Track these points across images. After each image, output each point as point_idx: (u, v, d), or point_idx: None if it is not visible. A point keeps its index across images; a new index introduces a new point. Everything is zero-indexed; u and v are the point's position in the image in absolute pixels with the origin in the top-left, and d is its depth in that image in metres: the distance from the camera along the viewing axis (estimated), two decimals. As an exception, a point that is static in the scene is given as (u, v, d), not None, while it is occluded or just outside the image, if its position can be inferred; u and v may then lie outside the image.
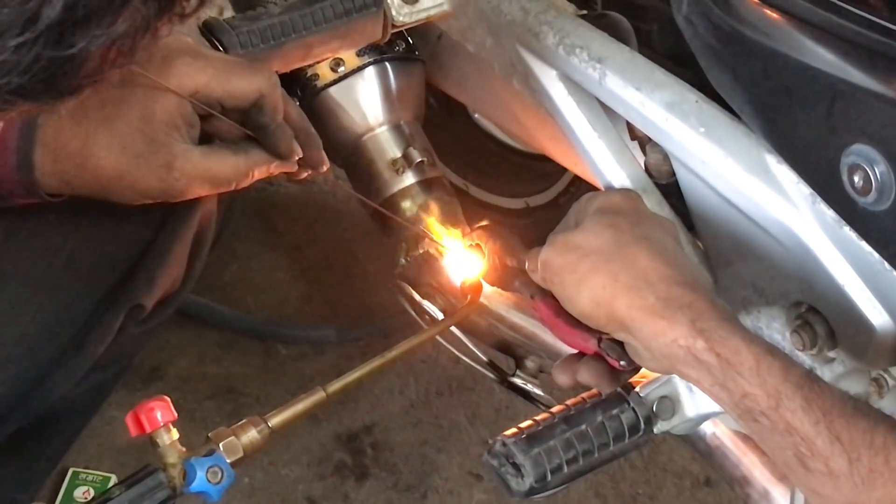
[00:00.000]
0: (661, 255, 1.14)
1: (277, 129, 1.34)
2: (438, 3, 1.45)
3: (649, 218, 1.20)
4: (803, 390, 1.01)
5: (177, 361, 1.93)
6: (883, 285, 1.19)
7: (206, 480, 1.17)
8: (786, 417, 1.02)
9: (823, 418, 1.00)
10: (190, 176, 1.30)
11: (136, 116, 1.28)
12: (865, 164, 1.14)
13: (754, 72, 1.22)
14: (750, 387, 1.04)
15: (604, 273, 1.13)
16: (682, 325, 1.08)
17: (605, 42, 1.33)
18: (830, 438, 0.99)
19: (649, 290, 1.10)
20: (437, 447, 1.91)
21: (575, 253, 1.15)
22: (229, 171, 1.32)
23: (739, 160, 1.25)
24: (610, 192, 1.22)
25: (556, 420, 1.20)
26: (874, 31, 1.10)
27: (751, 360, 1.04)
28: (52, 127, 1.27)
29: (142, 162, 1.28)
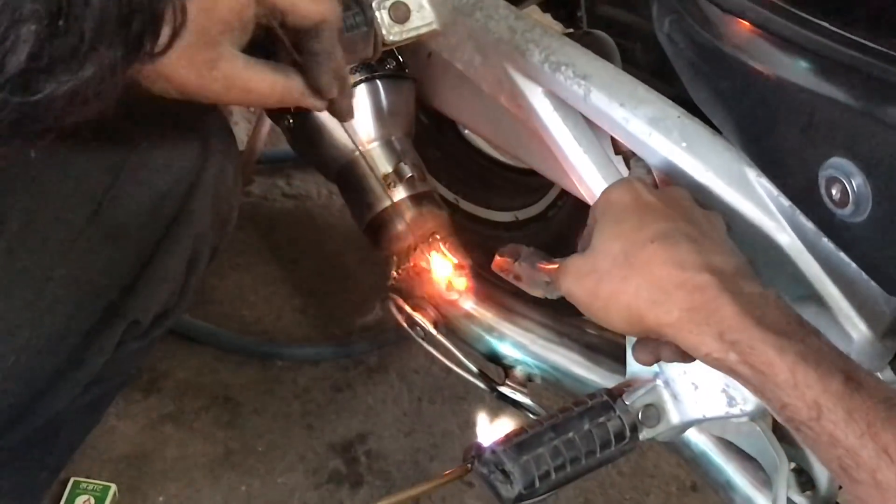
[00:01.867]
0: (674, 255, 1.09)
1: (325, 61, 1.31)
2: (428, 22, 1.45)
3: (652, 209, 1.14)
4: (844, 401, 0.98)
5: (175, 373, 1.93)
6: (860, 294, 1.20)
7: None
8: (828, 429, 0.99)
9: (868, 429, 0.97)
10: (228, 80, 1.28)
11: (196, 6, 1.24)
12: (843, 176, 1.14)
13: (734, 88, 1.23)
14: (788, 398, 1.01)
15: (625, 293, 1.10)
16: (712, 339, 1.05)
17: (589, 59, 1.33)
18: (877, 450, 0.96)
19: (671, 304, 1.07)
20: (430, 455, 1.91)
21: (591, 278, 1.12)
22: (266, 87, 1.30)
23: (721, 174, 1.25)
24: (609, 190, 1.17)
25: (544, 428, 1.20)
26: (851, 48, 1.10)
27: (785, 371, 1.01)
28: None
29: (187, 53, 1.24)
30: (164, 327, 1.51)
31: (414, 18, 1.44)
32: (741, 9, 1.19)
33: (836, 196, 1.16)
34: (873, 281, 1.17)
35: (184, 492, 1.81)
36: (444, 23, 1.44)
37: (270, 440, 1.88)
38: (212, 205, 1.47)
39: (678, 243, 1.10)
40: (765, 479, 1.30)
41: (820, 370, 1.00)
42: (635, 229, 1.12)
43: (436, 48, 1.49)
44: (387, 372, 1.98)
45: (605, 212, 1.15)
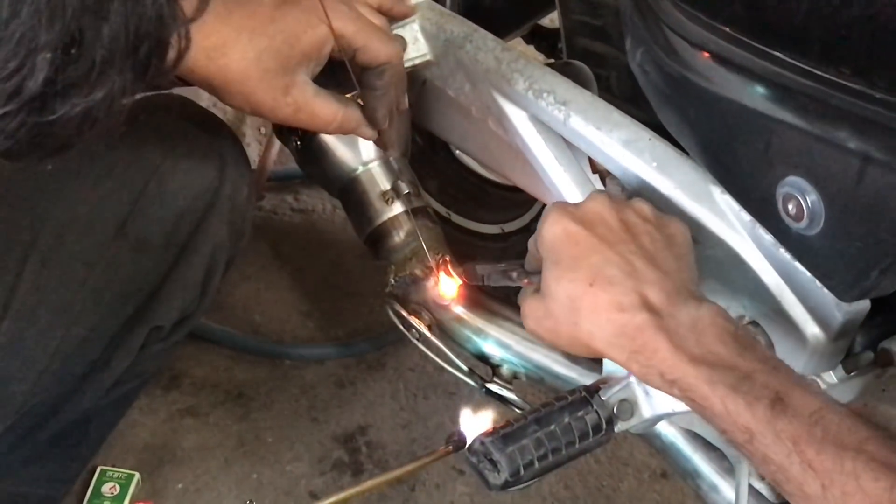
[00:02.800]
0: (612, 297, 1.07)
1: (383, 97, 1.32)
2: (422, 53, 1.45)
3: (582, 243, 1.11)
4: (772, 423, 0.97)
5: (193, 371, 1.93)
6: (814, 300, 1.20)
7: None
8: (760, 450, 0.99)
9: (794, 447, 0.96)
10: (298, 105, 1.28)
11: (281, 37, 1.25)
12: (798, 193, 1.15)
13: (700, 113, 1.23)
14: (724, 425, 1.01)
15: (580, 335, 1.09)
16: (656, 378, 1.05)
17: (569, 87, 1.33)
18: (802, 466, 0.96)
19: (619, 346, 1.07)
20: (424, 445, 1.91)
21: (549, 322, 1.12)
22: (329, 115, 1.30)
23: (688, 191, 1.25)
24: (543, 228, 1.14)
25: (528, 421, 1.19)
26: (804, 76, 1.10)
27: (718, 403, 1.00)
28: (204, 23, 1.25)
29: (267, 76, 1.26)
30: (183, 331, 1.52)
31: (410, 50, 1.44)
32: (705, 41, 1.19)
33: (792, 211, 1.16)
34: (826, 288, 1.17)
35: (200, 479, 1.80)
36: (437, 54, 1.44)
37: (279, 432, 1.88)
38: (227, 220, 1.47)
39: (613, 283, 1.07)
40: (728, 467, 1.30)
41: (748, 398, 0.99)
42: (573, 270, 1.10)
43: (430, 77, 1.49)
44: (385, 370, 1.98)
45: (545, 251, 1.13)
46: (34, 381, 1.36)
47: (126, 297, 1.41)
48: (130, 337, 1.42)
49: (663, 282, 1.08)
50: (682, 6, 1.20)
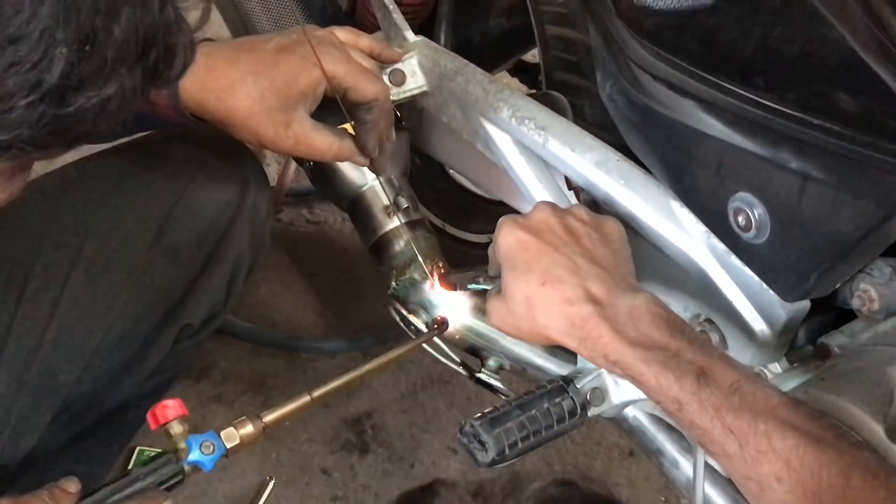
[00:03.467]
0: (561, 293, 1.09)
1: (372, 129, 1.32)
2: (420, 85, 1.45)
3: (532, 248, 1.13)
4: (696, 394, 0.99)
5: (219, 363, 1.93)
6: (761, 301, 1.20)
7: (200, 452, 1.13)
8: (688, 417, 1.00)
9: (716, 414, 0.98)
10: (297, 137, 1.29)
11: (281, 79, 1.26)
12: (747, 207, 1.15)
13: (661, 137, 1.23)
14: (657, 397, 1.03)
15: (538, 327, 1.11)
16: (601, 359, 1.07)
17: (547, 115, 1.34)
18: (723, 430, 0.98)
19: (570, 335, 1.09)
20: (422, 428, 1.91)
21: (511, 319, 1.13)
22: (324, 145, 1.30)
23: (651, 205, 1.25)
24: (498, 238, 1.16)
25: (512, 407, 1.19)
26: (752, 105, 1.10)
27: (651, 378, 1.02)
28: (204, 65, 1.25)
29: (269, 113, 1.27)
30: (210, 329, 1.52)
31: (409, 82, 1.44)
32: (666, 75, 1.19)
33: (742, 223, 1.16)
34: (771, 290, 1.18)
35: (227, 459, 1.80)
36: (433, 86, 1.44)
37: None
38: (249, 231, 1.47)
39: (560, 280, 1.09)
40: (687, 446, 1.30)
41: (677, 373, 1.01)
42: (527, 272, 1.11)
43: (426, 105, 1.49)
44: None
45: (502, 258, 1.15)
46: (79, 373, 1.36)
47: (159, 299, 1.41)
48: (164, 334, 1.42)
49: (603, 276, 1.09)
50: (645, 44, 1.20)
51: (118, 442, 1.46)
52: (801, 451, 0.94)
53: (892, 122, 0.99)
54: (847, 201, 1.07)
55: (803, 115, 1.06)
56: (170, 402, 1.13)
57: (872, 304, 1.14)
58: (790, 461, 0.94)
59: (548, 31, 1.43)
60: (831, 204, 1.08)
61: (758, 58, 1.08)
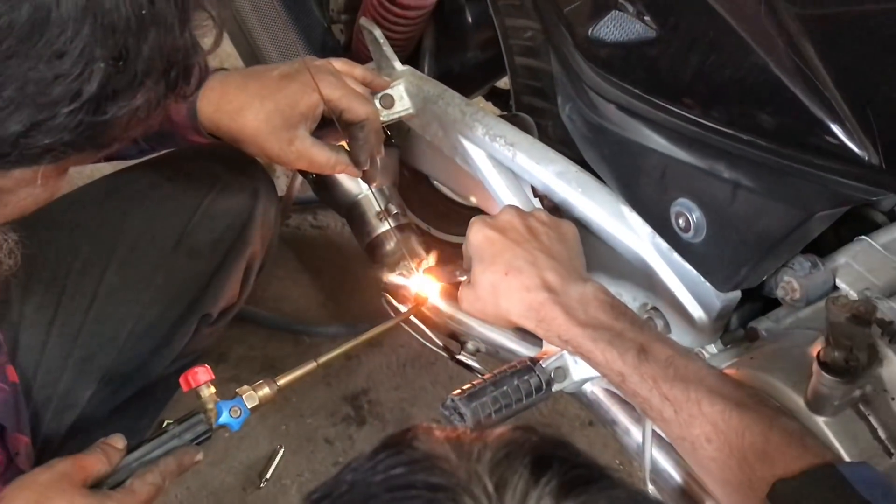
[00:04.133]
0: (521, 281, 1.09)
1: (364, 145, 1.32)
2: (406, 108, 1.44)
3: (498, 243, 1.13)
4: (637, 368, 1.00)
5: (236, 348, 1.93)
6: (699, 291, 1.20)
7: (229, 415, 1.15)
8: (631, 388, 1.01)
9: (654, 384, 0.99)
10: (300, 152, 1.28)
11: (285, 102, 1.26)
12: (686, 211, 1.16)
13: (613, 151, 1.24)
14: (604, 371, 1.04)
15: (502, 311, 1.11)
16: (555, 339, 1.07)
17: (516, 133, 1.34)
18: (661, 398, 0.98)
19: (528, 318, 1.09)
20: (411, 403, 1.91)
21: (479, 304, 1.14)
22: (323, 159, 1.30)
23: (604, 209, 1.26)
24: (469, 236, 1.16)
25: (487, 384, 1.19)
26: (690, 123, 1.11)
27: (598, 354, 1.03)
28: (217, 89, 1.26)
29: (275, 132, 1.26)
30: (227, 318, 1.52)
31: (397, 105, 1.44)
32: (616, 98, 1.20)
33: (682, 224, 1.17)
34: (708, 282, 1.18)
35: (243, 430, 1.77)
36: (418, 108, 1.44)
37: (301, 394, 1.87)
38: (260, 234, 1.47)
39: (521, 270, 1.09)
40: (637, 416, 1.30)
41: (620, 349, 1.01)
42: (493, 263, 1.12)
43: (412, 125, 1.49)
44: (382, 346, 1.97)
45: (472, 253, 1.15)
46: (114, 356, 1.36)
47: (182, 292, 1.41)
48: (186, 322, 1.42)
49: (558, 268, 1.10)
50: (598, 72, 1.21)
51: (149, 415, 1.46)
52: (727, 415, 0.95)
53: (809, 137, 0.99)
54: (772, 205, 1.07)
55: (733, 132, 1.07)
56: (199, 368, 1.15)
57: (794, 294, 1.14)
58: (717, 424, 0.95)
59: (516, 61, 1.43)
60: (758, 208, 1.09)
61: (694, 82, 1.09)
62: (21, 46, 0.78)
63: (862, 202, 1.06)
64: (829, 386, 1.00)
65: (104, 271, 1.36)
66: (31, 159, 0.85)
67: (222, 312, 1.48)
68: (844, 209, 1.06)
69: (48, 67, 0.79)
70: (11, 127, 0.81)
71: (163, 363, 1.42)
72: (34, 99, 0.80)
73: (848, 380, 0.99)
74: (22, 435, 1.24)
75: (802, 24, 0.94)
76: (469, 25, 1.61)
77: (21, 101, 0.80)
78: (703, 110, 1.09)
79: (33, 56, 0.79)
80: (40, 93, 0.80)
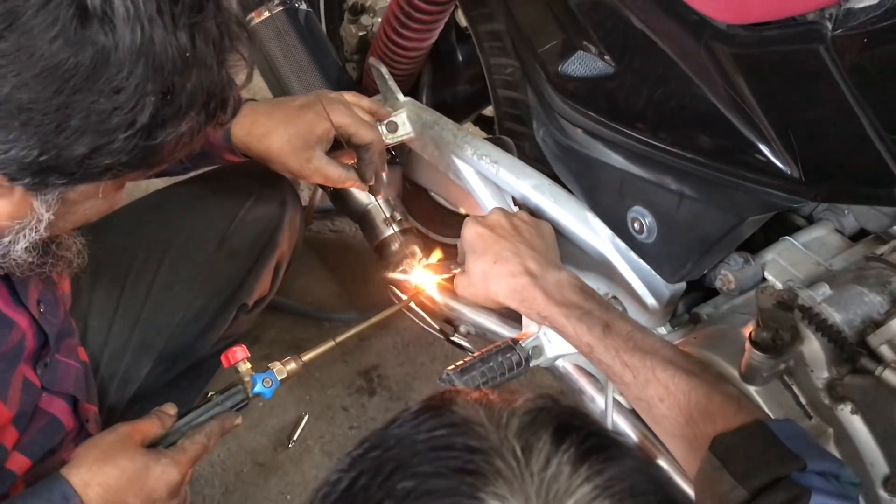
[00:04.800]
0: (507, 268, 1.09)
1: (370, 164, 1.33)
2: (408, 132, 1.44)
3: (488, 238, 1.13)
4: (602, 340, 1.00)
5: (267, 332, 1.92)
6: (651, 283, 1.20)
7: (263, 386, 1.16)
8: (597, 357, 1.01)
9: (616, 354, 0.99)
10: (315, 169, 1.29)
11: (304, 127, 1.27)
12: (640, 217, 1.16)
13: (579, 167, 1.24)
14: (575, 343, 1.03)
15: (491, 294, 1.11)
16: (535, 315, 1.07)
17: (499, 152, 1.34)
18: (622, 365, 0.99)
19: (513, 298, 1.09)
20: (413, 377, 1.90)
21: (472, 289, 1.14)
22: (335, 175, 1.31)
23: (573, 215, 1.25)
24: (463, 232, 1.16)
25: (476, 360, 1.19)
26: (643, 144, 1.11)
27: (570, 329, 1.03)
28: (248, 117, 1.27)
29: (295, 151, 1.27)
30: (260, 307, 1.52)
31: (400, 130, 1.44)
32: (582, 123, 1.19)
33: (637, 228, 1.17)
34: (658, 275, 1.18)
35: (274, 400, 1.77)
36: (417, 132, 1.44)
37: (323, 369, 1.87)
38: (287, 237, 1.47)
39: (507, 259, 1.09)
40: (601, 387, 1.30)
41: (589, 324, 1.01)
42: (483, 254, 1.12)
43: (413, 146, 1.49)
44: (389, 329, 1.96)
45: (466, 246, 1.15)
46: (166, 339, 1.36)
47: (223, 286, 1.41)
48: (226, 311, 1.41)
49: (538, 258, 1.10)
50: (567, 101, 1.21)
51: (197, 387, 1.46)
52: (677, 379, 0.95)
53: (741, 155, 0.99)
54: (711, 212, 1.07)
55: (679, 151, 1.07)
56: (237, 347, 1.16)
57: (730, 285, 1.15)
58: (668, 386, 0.95)
59: (499, 93, 1.43)
60: (700, 214, 1.09)
61: (646, 110, 1.09)
62: (85, 83, 0.78)
63: (785, 208, 1.07)
64: (758, 361, 1.00)
65: (158, 269, 1.36)
66: (93, 177, 0.86)
67: (256, 302, 1.48)
68: (771, 214, 1.06)
69: (108, 101, 0.79)
70: (77, 150, 0.81)
71: (208, 345, 1.41)
72: (96, 127, 0.80)
73: (774, 356, 1.00)
74: (91, 405, 1.24)
75: (736, 62, 0.94)
76: (460, 63, 1.61)
77: (85, 129, 0.80)
78: (654, 133, 1.09)
79: (95, 91, 0.79)
80: (101, 122, 0.80)
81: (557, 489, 0.53)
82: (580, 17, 1.13)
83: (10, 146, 0.80)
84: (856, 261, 1.11)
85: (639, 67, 1.07)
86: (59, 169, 0.83)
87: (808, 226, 1.19)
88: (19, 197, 0.87)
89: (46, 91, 0.77)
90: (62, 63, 0.77)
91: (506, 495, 0.52)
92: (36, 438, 1.11)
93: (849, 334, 0.98)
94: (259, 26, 1.50)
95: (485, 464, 0.54)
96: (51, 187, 0.86)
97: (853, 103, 0.85)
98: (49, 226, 0.90)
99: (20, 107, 0.78)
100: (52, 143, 0.80)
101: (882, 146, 0.85)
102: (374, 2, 1.63)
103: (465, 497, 0.53)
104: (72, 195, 0.89)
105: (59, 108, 0.78)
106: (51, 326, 1.12)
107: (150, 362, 1.35)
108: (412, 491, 0.54)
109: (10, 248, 0.92)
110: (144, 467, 1.04)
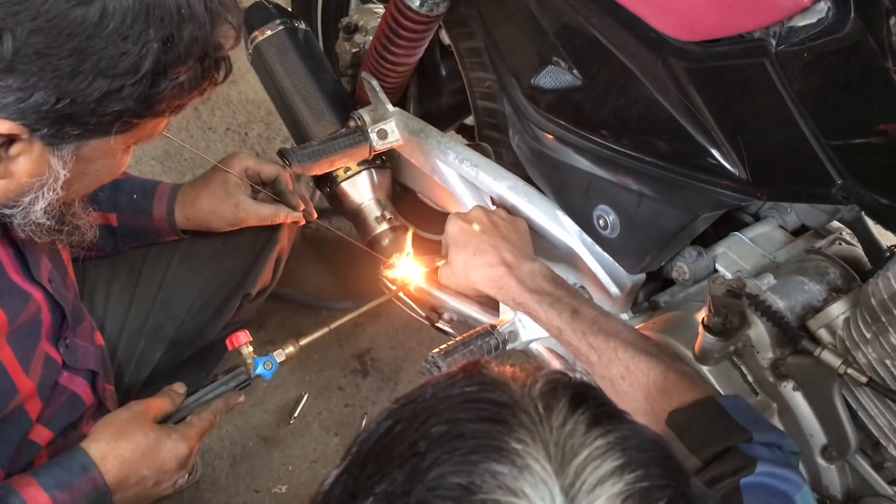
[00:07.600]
0: (486, 259, 1.09)
1: (290, 195, 1.34)
2: (397, 139, 1.44)
3: (469, 232, 1.13)
4: (570, 324, 1.00)
5: (271, 320, 1.91)
6: (614, 274, 1.21)
7: (263, 368, 1.16)
8: (566, 339, 1.01)
9: (583, 337, 0.99)
10: (246, 212, 1.30)
11: (219, 182, 1.29)
12: (605, 214, 1.16)
13: (550, 170, 1.23)
14: (546, 327, 1.03)
15: (470, 283, 1.11)
16: (510, 302, 1.07)
17: (479, 157, 1.33)
18: (588, 347, 0.99)
19: (490, 286, 1.08)
20: (402, 359, 1.90)
21: (454, 278, 1.14)
22: (266, 213, 1.32)
23: (544, 213, 1.25)
24: (448, 226, 1.16)
25: (458, 344, 1.19)
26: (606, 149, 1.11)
27: (542, 314, 1.02)
28: (183, 193, 1.29)
29: (222, 202, 1.29)
30: (263, 297, 1.50)
31: (390, 136, 1.44)
32: (552, 130, 1.19)
33: (602, 224, 1.17)
34: (621, 266, 1.19)
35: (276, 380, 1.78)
36: (405, 139, 1.44)
37: (321, 352, 1.86)
38: (286, 235, 1.46)
39: (486, 251, 1.10)
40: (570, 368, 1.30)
41: (558, 310, 1.02)
42: (465, 247, 1.12)
43: (402, 152, 1.48)
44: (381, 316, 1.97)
45: (449, 240, 1.15)
46: (177, 326, 1.35)
47: (229, 278, 1.40)
48: (232, 300, 1.40)
49: (513, 250, 1.10)
50: (539, 111, 1.20)
51: (205, 370, 1.45)
52: (637, 359, 0.95)
53: (695, 159, 0.99)
54: (667, 210, 1.08)
55: (639, 155, 1.07)
56: (240, 333, 1.16)
57: (685, 275, 1.15)
58: (629, 366, 0.95)
59: (479, 104, 1.42)
60: (658, 211, 1.09)
61: (610, 118, 1.09)
62: (95, 30, 0.79)
63: (734, 206, 1.07)
64: (710, 343, 1.01)
65: (169, 263, 1.35)
66: (104, 127, 0.85)
67: (259, 292, 1.47)
68: (722, 212, 1.06)
69: (115, 47, 0.80)
70: (91, 95, 0.81)
71: (215, 331, 1.40)
72: (106, 72, 0.80)
73: (725, 338, 1.00)
74: (108, 385, 1.23)
75: (690, 75, 0.94)
76: (443, 77, 1.61)
77: (97, 74, 0.80)
78: (617, 139, 1.09)
79: (104, 38, 0.79)
80: (111, 66, 0.80)
81: (573, 443, 0.54)
82: (551, 35, 1.13)
83: (30, 92, 0.79)
84: (797, 253, 1.12)
85: (603, 80, 1.07)
86: (74, 117, 0.82)
87: (754, 222, 1.20)
88: (38, 153, 0.85)
89: (60, 36, 0.78)
90: (71, 11, 0.77)
91: (528, 441, 0.53)
92: (58, 412, 1.10)
93: (791, 319, 0.99)
94: (262, 44, 1.49)
95: (510, 416, 0.55)
96: (66, 141, 0.85)
97: (794, 111, 0.85)
98: (65, 184, 0.89)
99: (38, 51, 0.78)
100: (68, 89, 0.80)
101: (820, 150, 0.85)
102: (366, 22, 1.62)
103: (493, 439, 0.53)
104: (85, 151, 0.88)
105: (72, 52, 0.78)
106: (65, 301, 1.10)
107: (162, 347, 1.34)
108: (445, 434, 0.54)
109: (30, 208, 0.90)
110: (156, 442, 1.04)
